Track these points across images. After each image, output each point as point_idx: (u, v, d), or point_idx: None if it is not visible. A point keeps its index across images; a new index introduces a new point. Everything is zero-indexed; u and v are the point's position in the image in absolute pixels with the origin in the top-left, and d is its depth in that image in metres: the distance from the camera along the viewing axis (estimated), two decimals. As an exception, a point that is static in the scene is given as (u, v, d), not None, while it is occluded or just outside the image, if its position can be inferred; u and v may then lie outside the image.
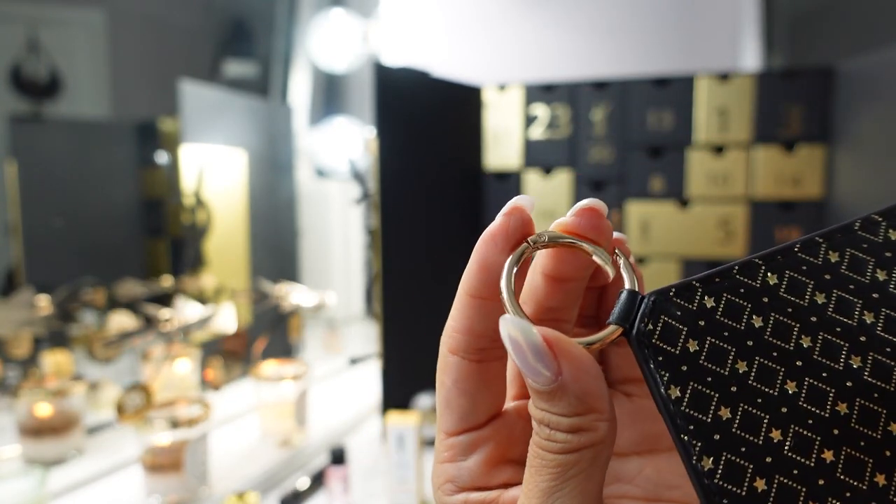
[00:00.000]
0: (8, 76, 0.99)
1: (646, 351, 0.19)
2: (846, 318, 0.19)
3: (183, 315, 0.77)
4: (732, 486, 0.17)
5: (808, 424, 0.18)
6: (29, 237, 0.97)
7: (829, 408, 0.18)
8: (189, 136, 1.09)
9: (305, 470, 0.91)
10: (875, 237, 0.20)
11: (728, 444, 0.18)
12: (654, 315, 0.19)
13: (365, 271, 1.77)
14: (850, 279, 0.20)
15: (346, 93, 1.93)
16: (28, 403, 0.83)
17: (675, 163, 1.14)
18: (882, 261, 0.20)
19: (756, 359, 0.19)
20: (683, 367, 0.19)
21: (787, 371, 0.18)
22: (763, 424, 0.18)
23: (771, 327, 0.19)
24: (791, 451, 0.18)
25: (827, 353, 0.19)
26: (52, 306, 0.87)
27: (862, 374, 0.18)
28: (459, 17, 1.48)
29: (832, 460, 0.18)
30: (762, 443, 0.18)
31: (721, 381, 0.18)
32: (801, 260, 0.20)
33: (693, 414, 0.18)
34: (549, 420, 0.19)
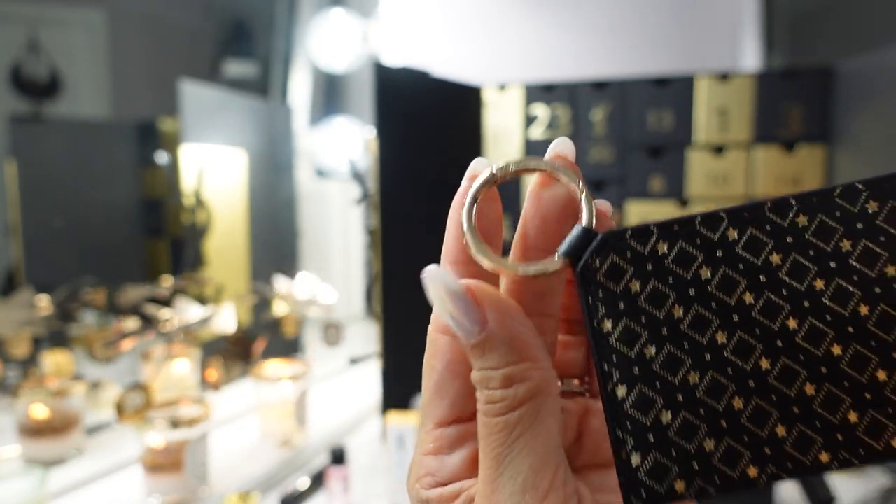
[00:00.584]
0: (8, 76, 0.99)
1: (589, 286, 0.20)
2: (796, 283, 0.20)
3: (183, 315, 0.77)
4: (640, 414, 0.19)
5: (727, 373, 0.19)
6: (29, 237, 0.97)
7: (753, 362, 0.19)
8: (189, 136, 1.09)
9: (305, 470, 0.91)
10: (852, 206, 0.20)
11: (645, 378, 0.19)
12: (603, 252, 0.20)
13: (365, 271, 1.77)
14: (812, 245, 0.20)
15: (346, 93, 1.93)
16: (28, 404, 0.83)
17: (675, 163, 1.14)
18: (851, 231, 0.20)
19: (694, 307, 0.19)
20: (621, 305, 0.20)
21: (721, 323, 0.19)
22: (684, 367, 0.19)
23: (718, 280, 0.20)
24: (703, 394, 0.19)
25: (766, 312, 0.19)
26: (51, 306, 0.87)
27: (794, 337, 0.19)
28: (459, 17, 1.48)
29: (740, 408, 0.19)
30: (678, 383, 0.19)
31: (654, 322, 0.19)
32: (768, 219, 0.20)
33: (619, 347, 0.19)
34: (485, 377, 0.19)
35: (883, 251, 0.20)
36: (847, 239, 0.20)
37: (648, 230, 0.20)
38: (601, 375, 0.20)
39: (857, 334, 0.19)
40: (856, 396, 0.19)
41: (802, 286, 0.20)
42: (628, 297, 0.20)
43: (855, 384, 0.19)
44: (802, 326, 0.19)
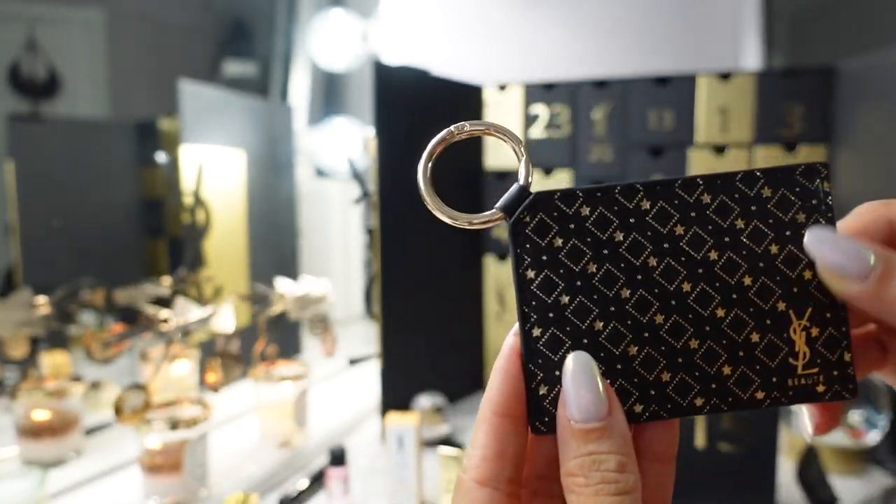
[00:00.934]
0: (6, 75, 0.99)
1: (518, 238, 0.23)
2: (694, 252, 0.23)
3: (182, 315, 0.77)
4: (550, 352, 0.22)
5: (627, 324, 0.23)
6: (27, 237, 0.96)
7: (649, 316, 0.23)
8: (188, 135, 1.09)
9: (305, 471, 0.91)
10: (749, 190, 0.23)
11: (558, 322, 0.23)
12: (533, 210, 0.23)
13: (364, 271, 1.77)
14: (711, 220, 0.23)
15: (346, 92, 1.92)
16: (26, 404, 0.82)
17: (675, 162, 1.14)
18: (745, 212, 0.23)
19: (606, 265, 0.23)
20: (544, 257, 0.23)
21: (627, 281, 0.23)
22: (591, 315, 0.23)
23: (628, 243, 0.23)
24: (605, 339, 0.23)
25: (666, 274, 0.23)
26: (50, 306, 0.87)
27: (686, 298, 0.23)
28: (459, 16, 1.48)
29: (634, 354, 0.23)
30: (584, 328, 0.22)
31: (571, 275, 0.23)
32: (677, 195, 0.23)
33: (538, 293, 0.23)
34: (597, 460, 0.21)
35: (770, 231, 0.23)
36: (742, 218, 0.23)
37: (575, 194, 0.23)
38: (521, 317, 0.23)
39: (739, 301, 0.23)
40: (731, 353, 0.23)
41: (699, 255, 0.23)
42: (551, 251, 0.23)
43: (732, 343, 0.23)
44: (694, 290, 0.23)
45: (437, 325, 1.14)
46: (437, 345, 1.14)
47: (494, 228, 1.23)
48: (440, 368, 1.14)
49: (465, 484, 0.22)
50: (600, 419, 0.21)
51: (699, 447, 0.79)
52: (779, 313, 0.23)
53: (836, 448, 0.88)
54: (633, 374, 0.23)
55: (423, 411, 1.00)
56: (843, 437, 0.88)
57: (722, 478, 0.79)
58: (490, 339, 1.26)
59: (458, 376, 1.21)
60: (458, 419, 1.12)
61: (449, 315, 1.17)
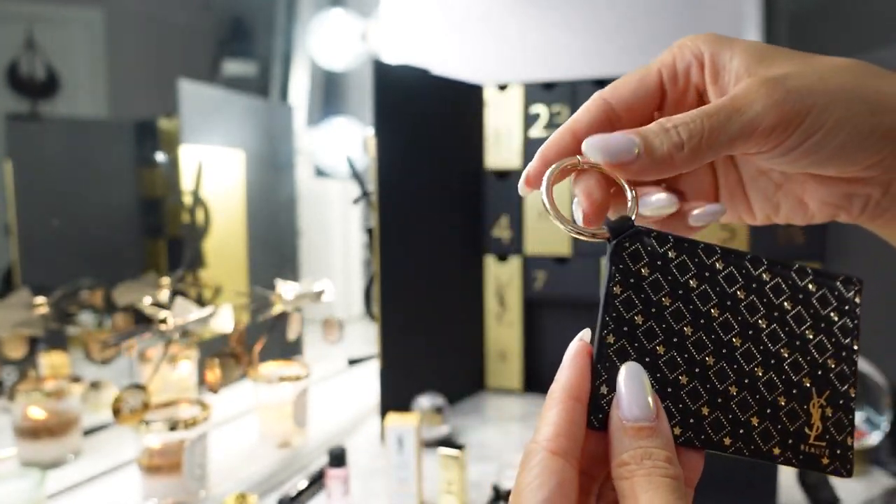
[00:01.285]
0: (5, 75, 0.98)
1: (616, 257, 0.27)
2: (748, 315, 0.27)
3: (181, 315, 0.76)
4: (617, 359, 0.26)
5: (683, 356, 0.27)
6: (26, 237, 0.96)
7: (702, 356, 0.27)
8: (188, 135, 1.08)
9: (305, 472, 0.91)
10: (799, 281, 0.28)
11: (629, 336, 0.26)
12: (633, 239, 0.27)
13: (364, 271, 1.77)
14: (766, 295, 0.28)
15: (346, 92, 1.92)
16: (24, 405, 0.82)
17: (676, 162, 1.14)
18: (794, 298, 0.28)
19: (678, 303, 0.27)
20: (631, 280, 0.27)
21: (691, 321, 0.27)
22: (657, 340, 0.26)
23: (699, 291, 0.27)
24: (663, 363, 0.26)
25: (723, 326, 0.27)
26: (49, 307, 0.87)
27: (735, 351, 0.27)
28: (459, 16, 1.47)
29: (684, 383, 0.26)
30: (649, 349, 0.26)
31: (648, 302, 0.27)
32: (745, 266, 0.28)
33: (620, 308, 0.27)
34: (648, 452, 0.24)
35: (809, 319, 0.28)
36: (789, 301, 0.28)
37: (667, 238, 0.28)
38: (601, 323, 0.27)
39: (775, 366, 0.27)
40: (761, 407, 0.27)
41: (751, 319, 0.27)
42: (638, 277, 0.27)
43: (763, 399, 0.27)
44: (743, 346, 0.27)
45: (437, 325, 1.14)
46: (437, 345, 1.14)
47: (495, 229, 1.22)
48: (440, 369, 1.14)
49: (540, 454, 0.25)
50: (650, 420, 0.25)
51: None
52: (804, 387, 0.27)
53: (837, 449, 0.88)
54: (679, 400, 0.26)
55: (423, 412, 1.00)
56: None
57: (723, 478, 0.79)
58: (490, 339, 1.26)
59: (458, 377, 1.21)
60: (458, 420, 1.11)
61: (449, 315, 1.17)
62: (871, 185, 0.29)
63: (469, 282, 1.22)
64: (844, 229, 1.05)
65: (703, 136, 0.27)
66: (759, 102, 0.27)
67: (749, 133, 0.27)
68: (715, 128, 0.27)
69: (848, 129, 0.27)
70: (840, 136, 0.27)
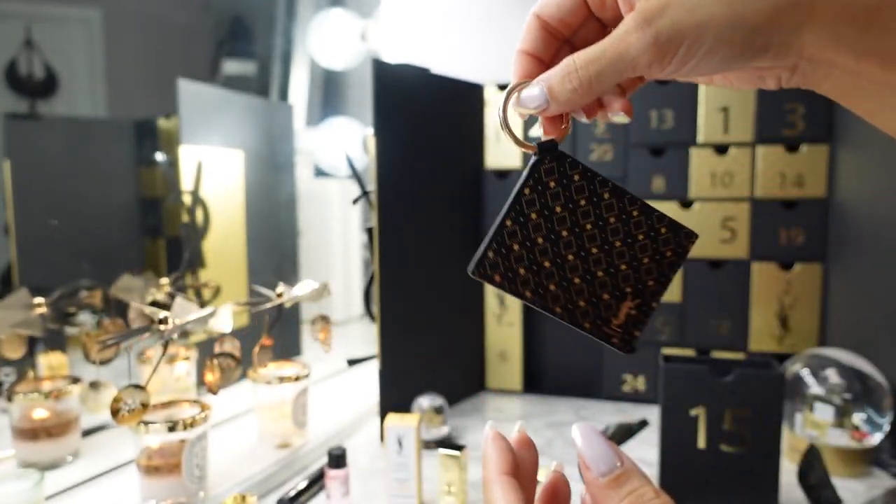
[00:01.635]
0: (3, 74, 0.98)
1: (535, 168, 0.36)
2: (610, 235, 0.37)
3: (180, 316, 0.76)
4: (507, 239, 0.36)
5: (553, 249, 0.36)
6: (24, 237, 0.96)
7: (566, 251, 0.37)
8: (187, 134, 1.08)
9: (304, 472, 0.91)
10: (656, 223, 0.38)
11: (522, 224, 0.36)
12: (551, 156, 0.37)
13: (364, 271, 1.76)
14: (629, 225, 0.37)
15: (346, 91, 1.92)
16: (23, 406, 0.82)
17: (677, 162, 1.13)
18: (647, 234, 0.38)
19: (565, 213, 0.36)
20: (539, 188, 0.36)
21: (569, 227, 0.36)
22: (540, 232, 0.36)
23: (584, 209, 0.37)
24: (537, 251, 0.36)
25: (589, 238, 0.37)
26: (47, 307, 0.86)
27: (589, 255, 0.37)
28: (459, 16, 1.47)
29: (547, 266, 0.36)
30: (532, 238, 0.36)
31: (545, 206, 0.36)
32: (623, 201, 0.37)
33: (524, 204, 0.36)
34: (640, 494, 0.27)
35: (651, 250, 0.38)
36: (642, 234, 0.38)
37: (578, 165, 0.37)
38: (506, 210, 0.36)
39: (613, 274, 0.37)
40: (590, 296, 0.37)
41: (611, 239, 0.37)
42: (545, 187, 0.36)
43: (594, 291, 0.37)
44: (597, 254, 0.37)
45: (437, 326, 1.14)
46: (437, 345, 1.14)
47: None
48: (440, 369, 1.14)
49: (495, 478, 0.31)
50: (619, 465, 0.28)
51: (701, 448, 0.79)
52: (625, 292, 0.37)
53: (838, 449, 0.87)
54: (538, 275, 0.36)
55: (423, 412, 0.99)
56: (846, 438, 0.87)
57: (724, 479, 0.79)
58: (490, 340, 1.25)
59: (458, 377, 1.21)
60: (458, 420, 1.11)
61: (449, 315, 1.17)
62: (775, 70, 0.34)
63: (469, 282, 1.21)
64: (845, 230, 1.04)
65: (592, 80, 0.33)
66: (634, 46, 0.32)
67: (631, 70, 0.32)
68: (601, 72, 0.33)
69: (721, 51, 0.31)
70: (715, 58, 0.32)
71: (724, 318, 1.13)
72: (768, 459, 0.77)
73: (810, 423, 0.89)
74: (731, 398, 0.77)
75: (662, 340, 1.16)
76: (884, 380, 0.88)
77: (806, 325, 1.11)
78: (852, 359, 0.90)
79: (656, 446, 0.82)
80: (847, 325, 1.04)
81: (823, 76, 0.33)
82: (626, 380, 1.19)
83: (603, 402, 1.19)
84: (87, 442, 0.89)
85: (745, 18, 0.31)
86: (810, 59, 0.32)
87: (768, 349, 1.12)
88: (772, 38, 0.31)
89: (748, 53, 0.31)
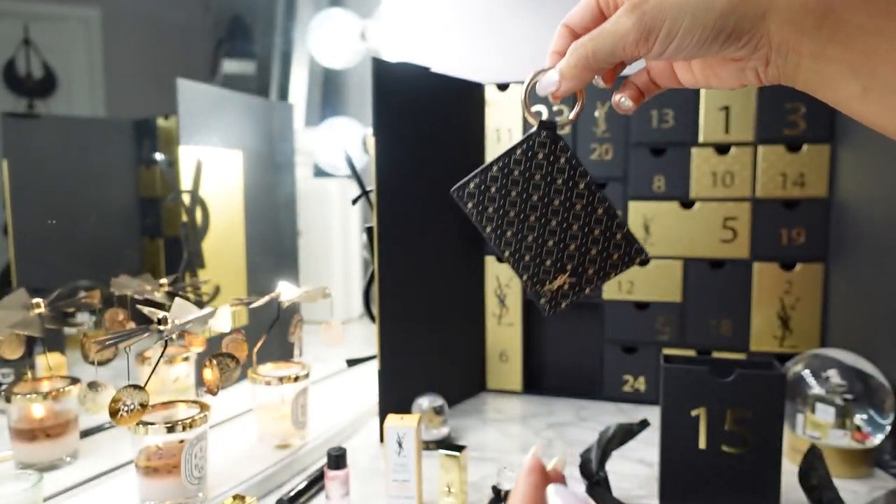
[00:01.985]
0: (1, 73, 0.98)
1: (530, 138, 0.44)
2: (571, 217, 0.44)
3: (180, 316, 0.76)
4: (490, 182, 0.45)
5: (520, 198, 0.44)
6: (23, 237, 0.95)
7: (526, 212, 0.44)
8: (186, 134, 1.08)
9: (304, 473, 0.90)
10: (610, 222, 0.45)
11: (501, 181, 0.44)
12: (548, 135, 0.44)
13: (364, 271, 1.76)
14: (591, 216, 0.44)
15: (345, 91, 1.92)
16: (21, 406, 0.81)
17: (677, 162, 1.13)
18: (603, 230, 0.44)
19: (542, 182, 0.44)
20: (529, 154, 0.44)
21: (540, 196, 0.44)
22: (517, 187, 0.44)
23: (557, 185, 0.44)
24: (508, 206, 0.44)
25: (553, 212, 0.43)
26: (46, 307, 0.86)
27: (546, 226, 0.44)
28: (460, 15, 1.47)
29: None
30: (508, 188, 0.44)
31: (528, 169, 0.44)
32: (592, 191, 0.44)
33: (510, 162, 0.44)
34: None
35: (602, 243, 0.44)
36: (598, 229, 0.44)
37: (566, 148, 0.44)
38: (496, 158, 0.44)
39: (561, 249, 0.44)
40: (536, 254, 0.43)
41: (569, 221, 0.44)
42: (533, 155, 0.44)
43: (541, 251, 0.44)
44: (556, 226, 0.43)
45: (437, 326, 1.14)
46: (437, 345, 1.13)
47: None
48: (440, 369, 1.14)
49: None
50: None
51: (702, 449, 0.79)
52: (565, 266, 0.44)
53: (840, 450, 0.87)
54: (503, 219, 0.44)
55: (423, 412, 0.99)
56: (848, 439, 0.87)
57: (725, 480, 0.78)
58: (490, 340, 1.25)
59: (458, 377, 1.21)
60: (458, 420, 1.11)
61: (449, 315, 1.17)
62: (752, 61, 0.38)
63: (469, 282, 1.21)
64: (846, 230, 1.04)
65: (589, 55, 0.40)
66: (623, 25, 0.38)
67: (621, 48, 0.38)
68: (597, 48, 0.40)
69: (698, 31, 0.36)
70: (693, 37, 0.36)
71: (724, 318, 1.13)
72: (769, 460, 0.77)
73: (811, 423, 0.89)
74: (732, 399, 0.77)
75: (663, 341, 1.16)
76: (885, 380, 0.88)
77: (807, 325, 1.10)
78: (854, 359, 0.90)
79: (657, 447, 0.81)
80: (848, 326, 1.04)
81: (794, 67, 0.37)
82: (627, 380, 1.19)
83: (603, 403, 1.19)
84: (85, 443, 0.89)
85: (713, 2, 0.36)
86: (779, 49, 0.36)
87: (769, 349, 1.12)
88: (740, 24, 0.36)
89: (721, 37, 0.36)
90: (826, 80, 0.36)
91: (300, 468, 0.91)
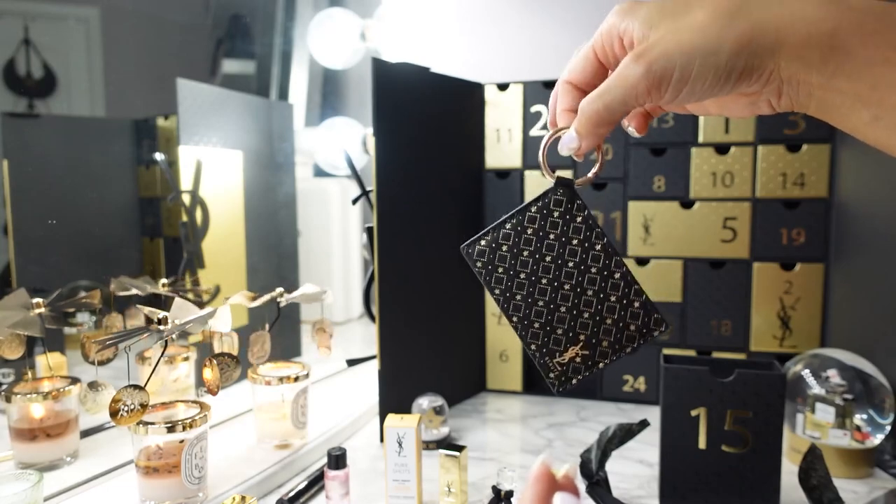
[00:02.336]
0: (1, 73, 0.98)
1: (546, 196, 0.42)
2: (584, 286, 0.41)
3: (179, 316, 0.76)
4: (500, 235, 0.42)
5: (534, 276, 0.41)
6: (22, 237, 0.95)
7: (538, 276, 0.41)
8: (186, 134, 1.08)
9: (304, 473, 0.90)
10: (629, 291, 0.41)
11: (517, 231, 0.42)
12: (564, 193, 0.42)
13: (364, 271, 1.76)
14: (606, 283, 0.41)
15: (345, 91, 1.91)
16: (21, 406, 0.81)
17: (678, 162, 1.13)
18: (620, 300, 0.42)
19: (556, 242, 0.42)
20: (545, 211, 0.42)
21: (553, 258, 0.41)
22: (530, 247, 0.41)
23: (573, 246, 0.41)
24: (520, 267, 0.42)
25: (567, 275, 0.41)
26: (46, 307, 0.86)
27: (557, 291, 0.41)
28: (459, 15, 1.47)
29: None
30: (521, 244, 0.42)
31: (542, 228, 0.42)
32: (612, 258, 0.42)
33: (524, 220, 0.42)
34: None
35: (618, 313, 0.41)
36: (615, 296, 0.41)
37: (584, 208, 0.42)
38: (509, 215, 0.42)
39: (574, 320, 0.41)
40: (547, 321, 0.41)
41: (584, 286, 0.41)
42: (549, 213, 0.41)
43: (551, 330, 0.41)
44: (567, 292, 0.41)
45: (437, 326, 1.14)
46: (437, 345, 1.13)
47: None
48: (440, 369, 1.14)
49: None
50: None
51: (702, 449, 0.79)
52: (578, 338, 0.41)
53: (840, 450, 0.87)
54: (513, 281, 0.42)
55: (423, 412, 0.99)
56: (848, 439, 0.87)
57: (724, 480, 0.78)
58: (490, 340, 1.25)
59: (458, 377, 1.21)
60: (458, 420, 1.11)
61: (449, 315, 1.17)
62: (763, 94, 0.38)
63: (469, 282, 1.21)
64: (846, 230, 1.04)
65: (601, 111, 0.39)
66: (632, 77, 0.37)
67: (633, 98, 0.37)
68: (608, 103, 0.38)
69: (710, 75, 0.36)
70: (706, 82, 0.36)
71: (724, 318, 1.13)
72: (769, 460, 0.77)
73: (811, 423, 0.89)
74: (732, 399, 0.77)
75: (663, 341, 1.16)
76: (885, 380, 0.88)
77: (807, 325, 1.10)
78: (854, 359, 0.90)
79: (657, 447, 0.81)
80: (848, 326, 1.04)
81: (806, 96, 0.36)
82: (627, 380, 1.19)
83: (603, 403, 1.19)
84: (85, 443, 0.89)
85: (721, 45, 0.35)
86: (789, 80, 0.36)
87: (769, 349, 1.12)
88: (750, 63, 0.35)
89: (733, 77, 0.36)
90: (837, 109, 0.36)
91: (300, 468, 0.91)
